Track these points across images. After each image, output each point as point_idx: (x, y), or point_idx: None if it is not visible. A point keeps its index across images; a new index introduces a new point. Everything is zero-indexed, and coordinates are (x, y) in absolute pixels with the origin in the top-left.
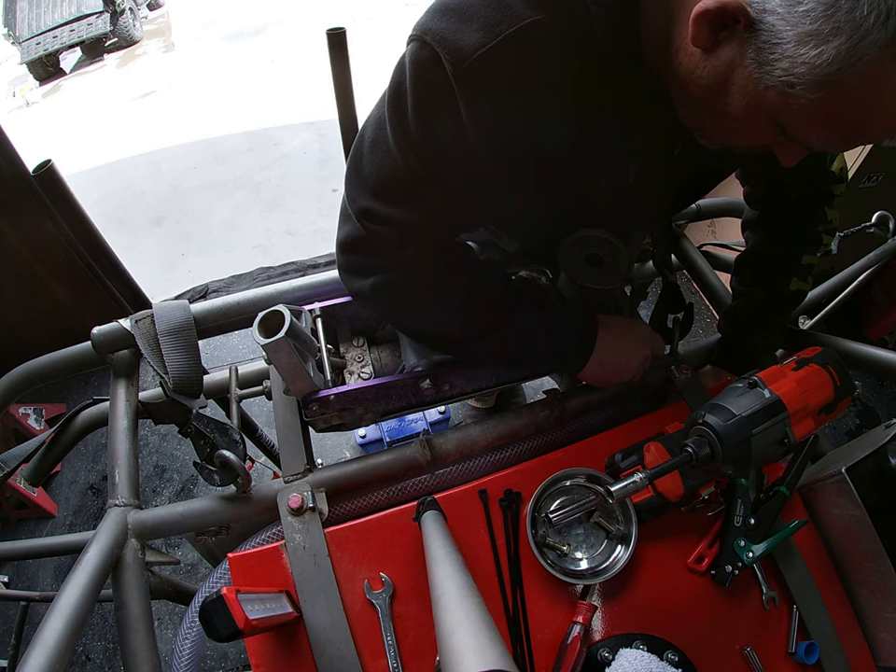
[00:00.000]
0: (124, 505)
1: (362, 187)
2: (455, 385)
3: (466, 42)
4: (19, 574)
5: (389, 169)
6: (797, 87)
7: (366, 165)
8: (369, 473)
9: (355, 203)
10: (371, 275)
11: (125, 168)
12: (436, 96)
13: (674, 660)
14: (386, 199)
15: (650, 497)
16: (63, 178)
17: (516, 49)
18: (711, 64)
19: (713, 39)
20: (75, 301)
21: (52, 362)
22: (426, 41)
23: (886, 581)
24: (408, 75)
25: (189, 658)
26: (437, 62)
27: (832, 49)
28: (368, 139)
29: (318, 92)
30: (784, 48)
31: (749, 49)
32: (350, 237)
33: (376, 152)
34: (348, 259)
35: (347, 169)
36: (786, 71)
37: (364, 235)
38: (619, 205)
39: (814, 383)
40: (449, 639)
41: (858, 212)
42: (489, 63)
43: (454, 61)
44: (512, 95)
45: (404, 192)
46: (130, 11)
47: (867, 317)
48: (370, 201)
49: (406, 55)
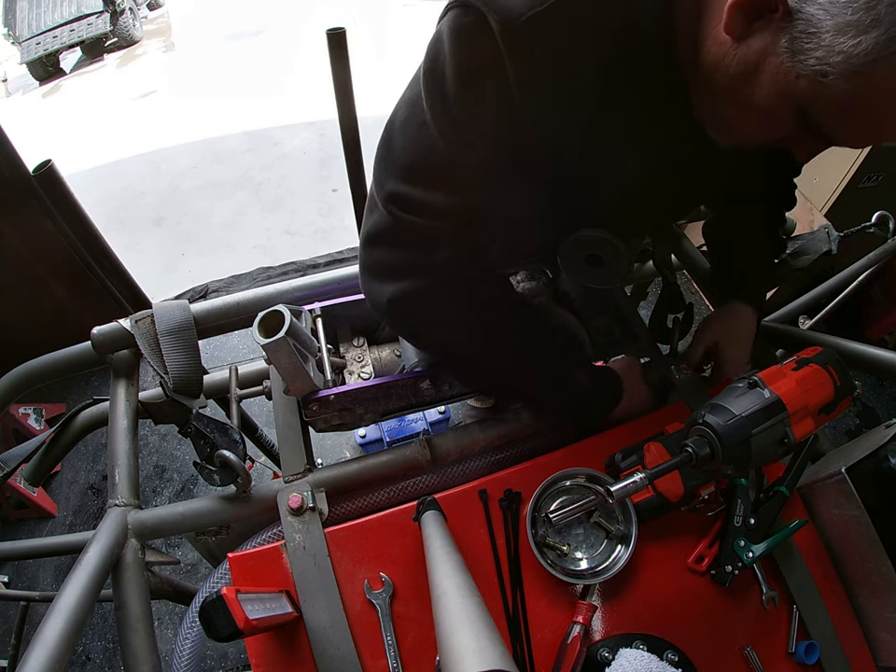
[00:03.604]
0: (124, 505)
1: (392, 170)
2: (455, 385)
3: (514, 4)
4: (19, 574)
5: (423, 147)
6: (830, 76)
7: (396, 147)
8: (369, 473)
9: (383, 190)
10: (399, 279)
11: (125, 168)
12: (480, 60)
13: (674, 660)
14: (419, 181)
15: (650, 497)
16: (63, 178)
17: (563, 17)
18: (742, 53)
19: (746, 28)
20: (75, 301)
21: (52, 362)
22: (470, 5)
23: (886, 581)
24: (447, 44)
25: (189, 658)
26: (482, 25)
27: (870, 39)
28: (399, 121)
29: (318, 92)
30: (822, 37)
31: (784, 38)
32: (376, 228)
33: (408, 131)
34: (373, 254)
35: (376, 156)
36: (820, 60)
37: (392, 225)
38: (620, 205)
39: (814, 383)
40: (449, 639)
41: (858, 212)
42: (539, 26)
43: (502, 21)
44: (556, 63)
45: (438, 173)
46: (130, 11)
47: (867, 317)
48: (399, 184)
49: (444, 26)
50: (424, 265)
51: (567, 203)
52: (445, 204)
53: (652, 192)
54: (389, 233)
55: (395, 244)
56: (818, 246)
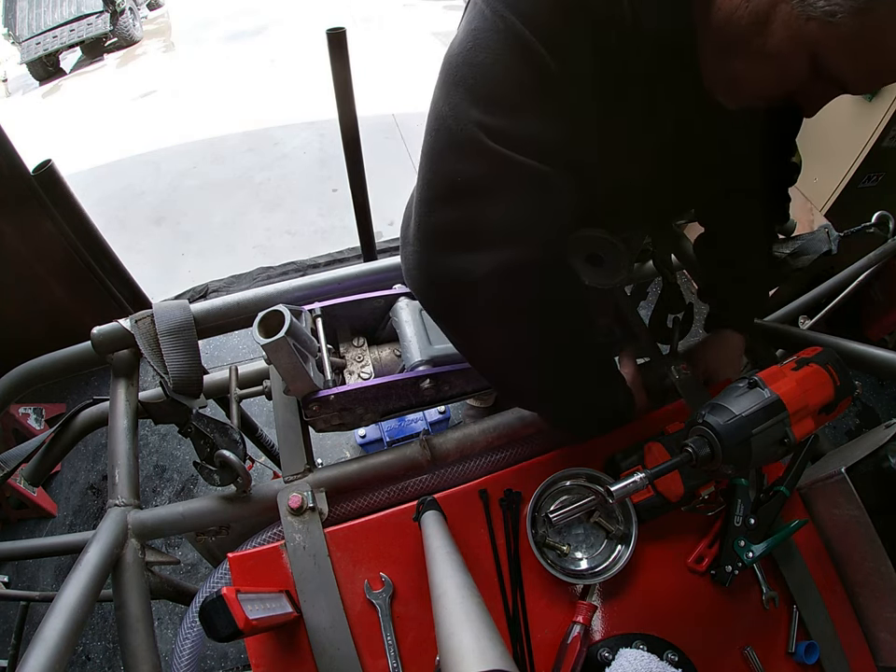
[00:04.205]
0: (124, 505)
1: (474, 95)
2: (455, 385)
3: None
4: (19, 574)
5: (511, 66)
6: (838, 15)
7: (472, 66)
8: (369, 473)
9: (470, 122)
10: (500, 243)
11: (125, 168)
12: None
13: (674, 660)
14: (515, 106)
15: (650, 497)
16: (63, 178)
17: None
18: (753, 4)
19: None
20: (75, 301)
21: (52, 362)
22: None
23: (886, 580)
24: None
25: (189, 658)
26: None
27: None
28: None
29: (318, 92)
30: None
31: None
32: (468, 176)
33: (482, 51)
34: (450, 213)
35: (443, 77)
36: (828, 1)
37: (492, 172)
38: (620, 204)
39: (814, 383)
40: (449, 639)
41: (858, 212)
42: None
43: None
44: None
45: (536, 90)
46: (130, 11)
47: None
48: (491, 115)
49: None
50: (536, 224)
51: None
52: (554, 137)
53: (652, 190)
54: (483, 183)
55: (494, 195)
56: (818, 246)
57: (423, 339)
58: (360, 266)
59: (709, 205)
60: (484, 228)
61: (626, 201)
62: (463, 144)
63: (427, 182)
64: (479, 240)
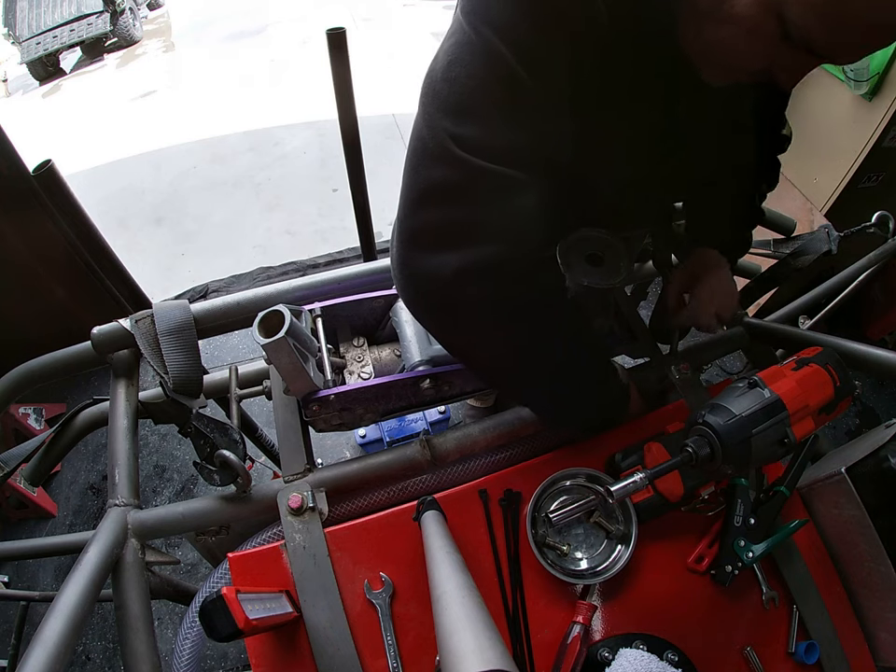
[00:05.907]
0: (124, 505)
1: (446, 107)
2: (454, 385)
3: None
4: (19, 574)
5: (483, 78)
6: None
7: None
8: (369, 473)
9: (442, 131)
10: (468, 244)
11: (125, 168)
12: None
13: (674, 660)
14: (483, 116)
15: (650, 497)
16: (64, 178)
17: None
18: None
19: None
20: (75, 301)
21: (52, 362)
22: None
23: (886, 580)
24: None
25: (189, 658)
26: None
27: None
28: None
29: (318, 92)
30: None
31: None
32: (439, 181)
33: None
34: (423, 215)
35: (423, 91)
36: None
37: (460, 178)
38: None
39: (814, 383)
40: (449, 639)
41: (858, 212)
42: None
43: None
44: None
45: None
46: (130, 11)
47: (867, 317)
48: (461, 125)
49: None
50: (503, 226)
51: (565, 202)
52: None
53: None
54: (459, 188)
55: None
56: (818, 246)
57: (423, 339)
58: (360, 266)
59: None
60: (454, 230)
61: (623, 199)
62: (434, 152)
63: (405, 188)
64: (448, 241)
